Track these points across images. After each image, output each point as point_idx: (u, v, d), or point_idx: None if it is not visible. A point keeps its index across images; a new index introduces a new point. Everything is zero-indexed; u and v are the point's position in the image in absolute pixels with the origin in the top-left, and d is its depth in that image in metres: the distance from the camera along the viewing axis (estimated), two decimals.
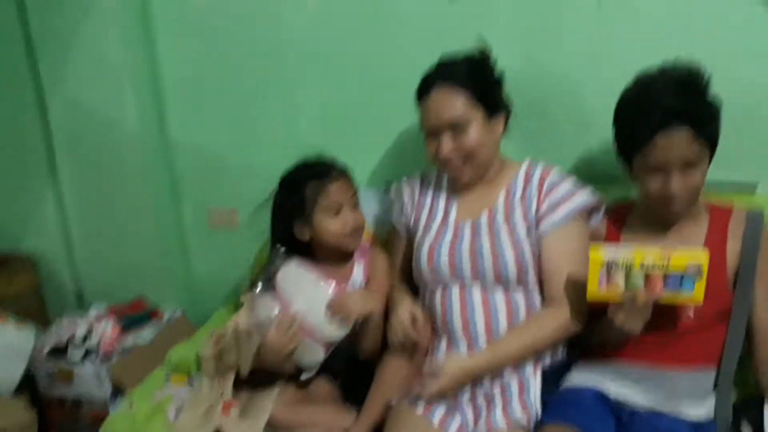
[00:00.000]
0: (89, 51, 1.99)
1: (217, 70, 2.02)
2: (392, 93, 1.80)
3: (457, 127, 1.46)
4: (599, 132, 1.59)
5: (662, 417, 1.37)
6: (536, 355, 1.47)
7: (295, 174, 1.62)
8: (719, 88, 1.35)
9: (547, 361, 1.50)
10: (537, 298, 1.49)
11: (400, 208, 1.67)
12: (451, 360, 1.42)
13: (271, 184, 2.01)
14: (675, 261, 1.27)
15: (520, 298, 1.48)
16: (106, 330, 2.00)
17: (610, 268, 1.30)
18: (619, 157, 1.43)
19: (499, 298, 1.48)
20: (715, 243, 1.41)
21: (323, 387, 1.63)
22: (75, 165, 2.14)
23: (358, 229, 1.61)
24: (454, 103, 1.46)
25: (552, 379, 1.48)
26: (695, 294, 1.28)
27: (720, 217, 1.45)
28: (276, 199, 1.64)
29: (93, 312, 2.14)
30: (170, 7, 2.00)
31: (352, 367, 1.63)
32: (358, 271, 1.66)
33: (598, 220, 1.54)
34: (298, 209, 1.58)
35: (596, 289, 1.32)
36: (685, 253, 1.27)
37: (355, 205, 1.62)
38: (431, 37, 1.76)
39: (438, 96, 1.47)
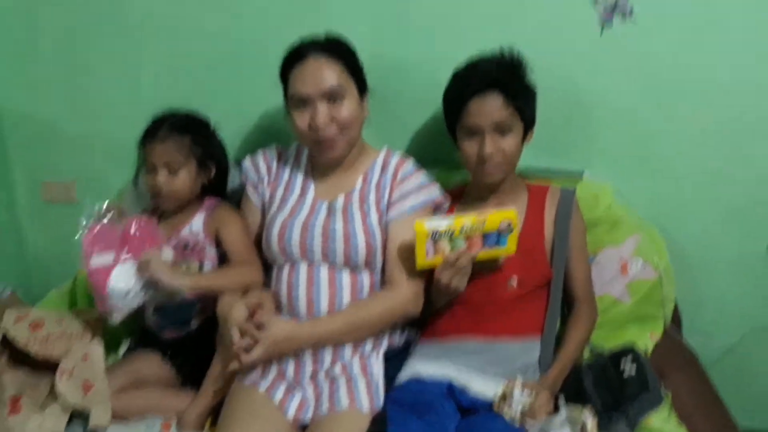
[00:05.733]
0: None
1: (50, 32, 1.90)
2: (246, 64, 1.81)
3: (333, 97, 1.46)
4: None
5: (498, 418, 1.39)
6: (366, 334, 1.50)
7: (149, 124, 1.65)
8: (549, 83, 1.55)
9: (385, 343, 1.54)
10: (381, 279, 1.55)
11: (256, 180, 1.64)
12: (272, 324, 1.43)
13: (111, 155, 1.96)
14: (490, 222, 1.40)
15: (366, 278, 1.52)
16: None
17: (435, 238, 1.40)
18: (449, 133, 1.55)
19: (345, 277, 1.51)
20: (534, 217, 1.57)
21: (156, 370, 1.61)
22: None
23: (163, 193, 1.60)
24: (332, 72, 1.45)
25: (394, 362, 1.52)
26: (509, 246, 1.43)
27: (538, 195, 1.61)
28: None
29: None
30: None
31: (188, 349, 1.62)
32: (198, 220, 1.65)
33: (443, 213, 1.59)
34: None
35: (424, 257, 1.41)
36: (497, 214, 1.41)
37: (173, 169, 1.59)
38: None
39: (315, 64, 1.45)
